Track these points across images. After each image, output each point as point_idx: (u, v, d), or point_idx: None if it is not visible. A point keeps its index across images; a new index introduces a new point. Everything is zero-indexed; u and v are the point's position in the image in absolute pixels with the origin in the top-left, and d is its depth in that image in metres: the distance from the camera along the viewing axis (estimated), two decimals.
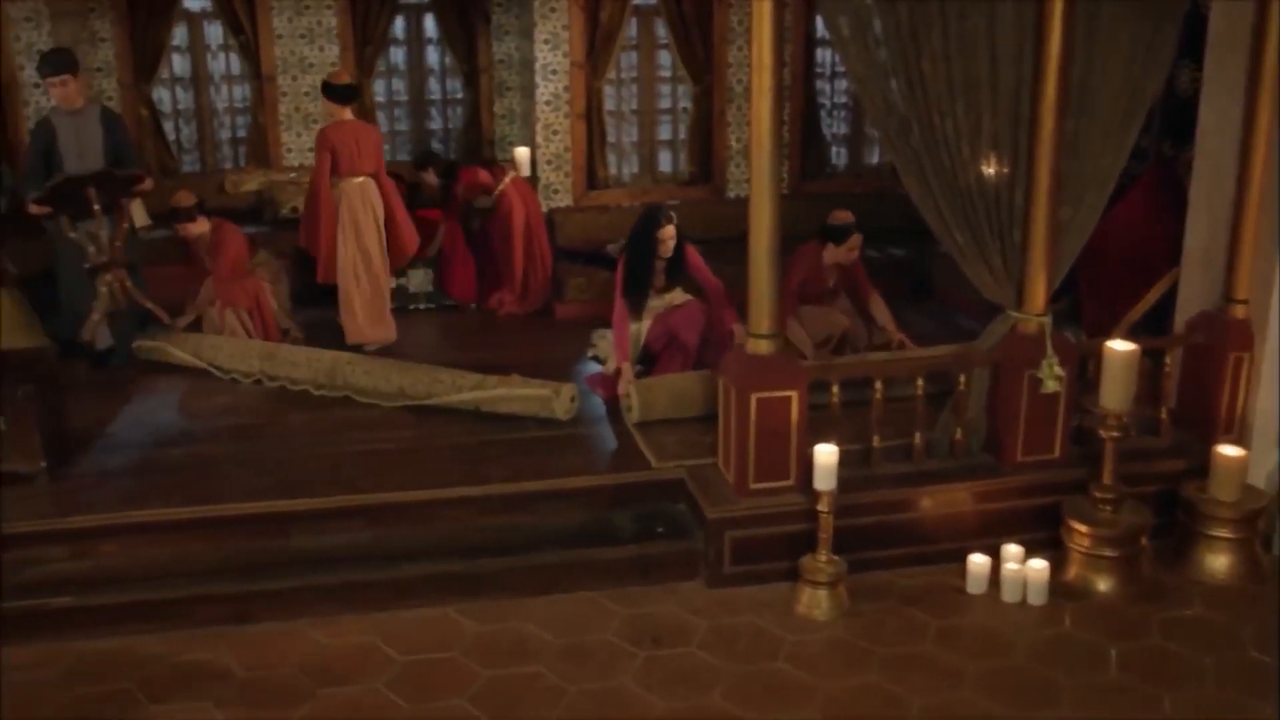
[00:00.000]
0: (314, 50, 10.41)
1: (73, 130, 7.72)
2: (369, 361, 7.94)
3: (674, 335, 7.45)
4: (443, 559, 6.14)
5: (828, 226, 7.80)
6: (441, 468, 6.71)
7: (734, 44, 10.40)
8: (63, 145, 7.68)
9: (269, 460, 6.88)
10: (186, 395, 7.95)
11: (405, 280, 9.67)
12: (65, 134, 7.71)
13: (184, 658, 5.64)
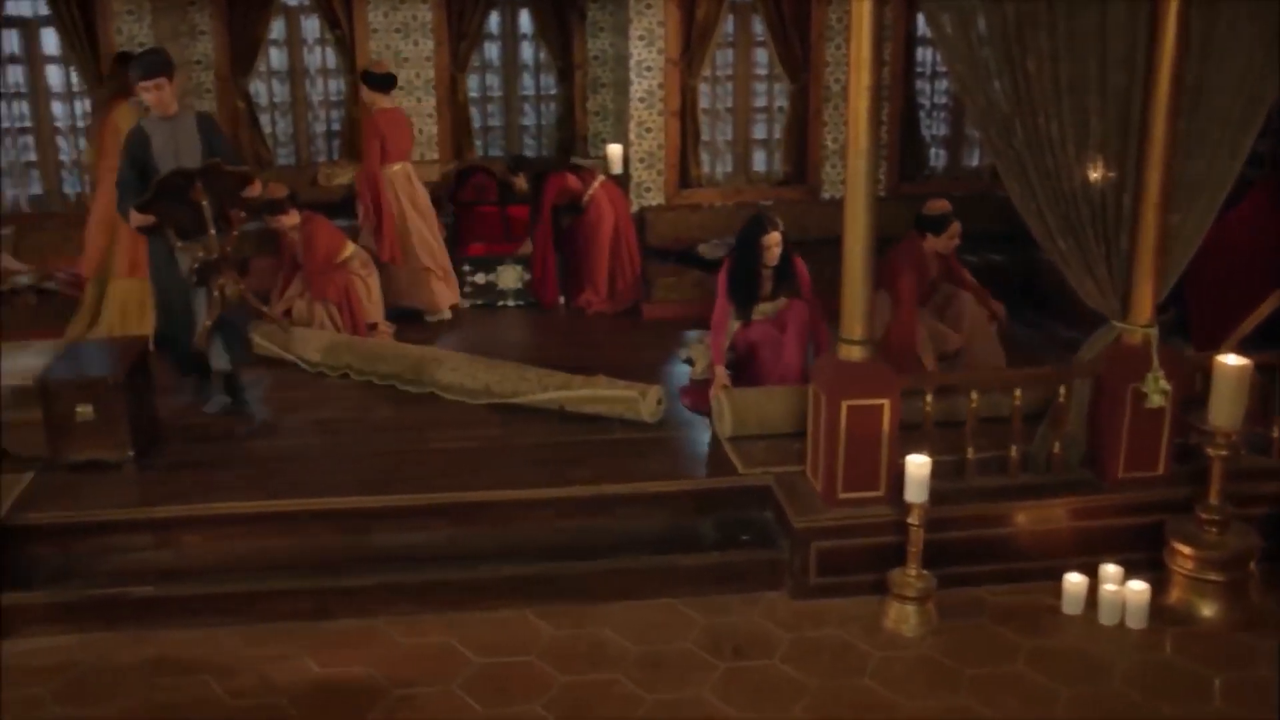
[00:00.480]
0: (409, 44, 10.40)
1: (169, 137, 7.03)
2: (455, 358, 7.88)
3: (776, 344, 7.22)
4: (522, 561, 6.06)
5: (925, 217, 7.52)
6: (524, 468, 6.62)
7: (832, 42, 10.20)
8: (157, 154, 6.99)
9: (352, 455, 6.86)
10: (273, 388, 7.96)
11: (494, 277, 9.62)
12: (160, 141, 7.01)
13: (261, 652, 5.63)
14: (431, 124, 10.63)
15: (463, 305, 9.64)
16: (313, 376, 8.15)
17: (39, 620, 5.81)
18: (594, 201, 9.53)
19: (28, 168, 10.13)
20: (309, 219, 8.63)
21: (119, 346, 7.19)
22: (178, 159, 6.88)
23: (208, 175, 6.79)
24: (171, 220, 6.91)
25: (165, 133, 6.99)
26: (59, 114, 10.04)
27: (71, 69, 9.84)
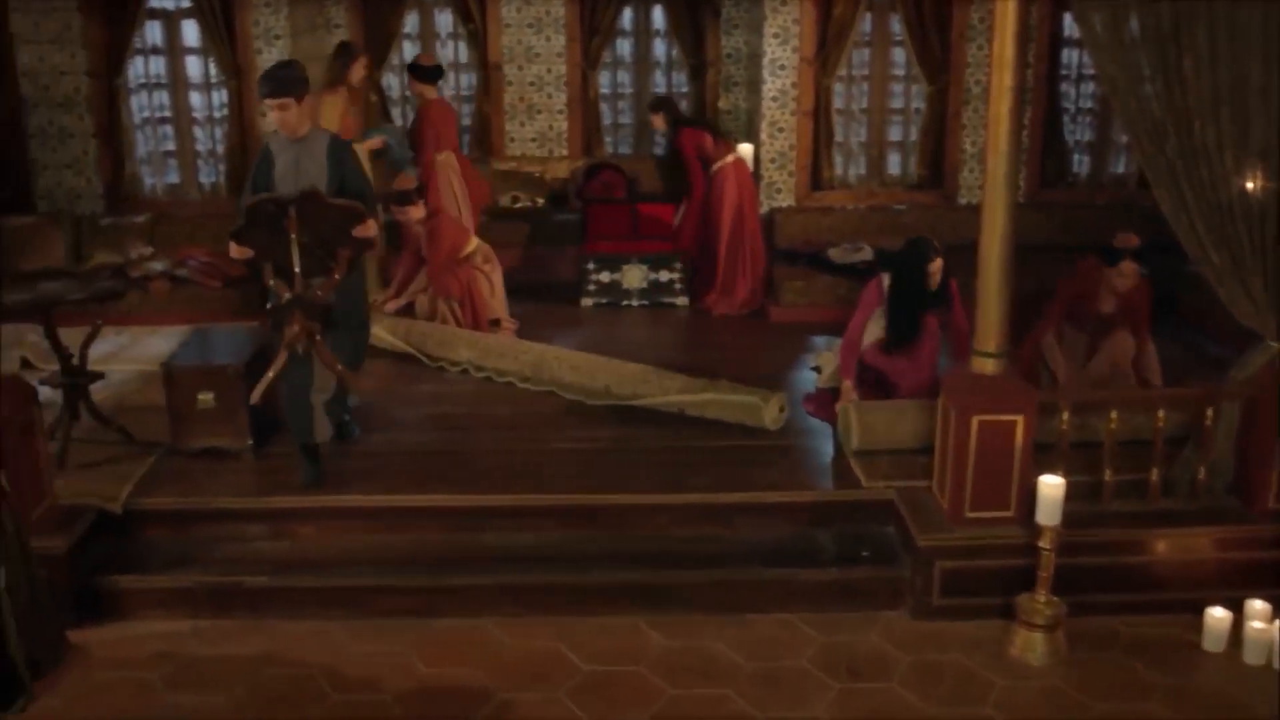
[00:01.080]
0: (541, 40, 10.35)
1: (292, 161, 6.18)
2: (576, 357, 7.77)
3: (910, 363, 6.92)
4: (635, 567, 5.94)
5: (1105, 246, 7.16)
6: (640, 472, 6.48)
7: (974, 42, 9.87)
8: (279, 178, 6.16)
9: (468, 453, 6.79)
10: (393, 381, 7.95)
11: (619, 276, 9.50)
12: (283, 164, 6.19)
13: (368, 648, 5.59)
14: (561, 120, 10.56)
15: (586, 304, 9.54)
16: (433, 371, 8.12)
17: (154, 604, 5.88)
18: (721, 175, 9.34)
19: (166, 157, 10.32)
20: (435, 213, 8.61)
21: (244, 335, 7.23)
22: (298, 185, 6.00)
23: (304, 205, 5.82)
24: (265, 254, 5.97)
25: (290, 155, 6.20)
26: (197, 104, 10.19)
27: (210, 60, 9.98)
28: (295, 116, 6.10)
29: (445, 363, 8.14)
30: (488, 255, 8.77)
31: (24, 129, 9.89)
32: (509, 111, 10.54)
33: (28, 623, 5.29)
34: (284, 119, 6.10)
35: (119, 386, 7.72)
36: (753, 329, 9.14)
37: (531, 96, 10.49)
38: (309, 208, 5.82)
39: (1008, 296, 5.60)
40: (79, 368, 6.75)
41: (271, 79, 6.06)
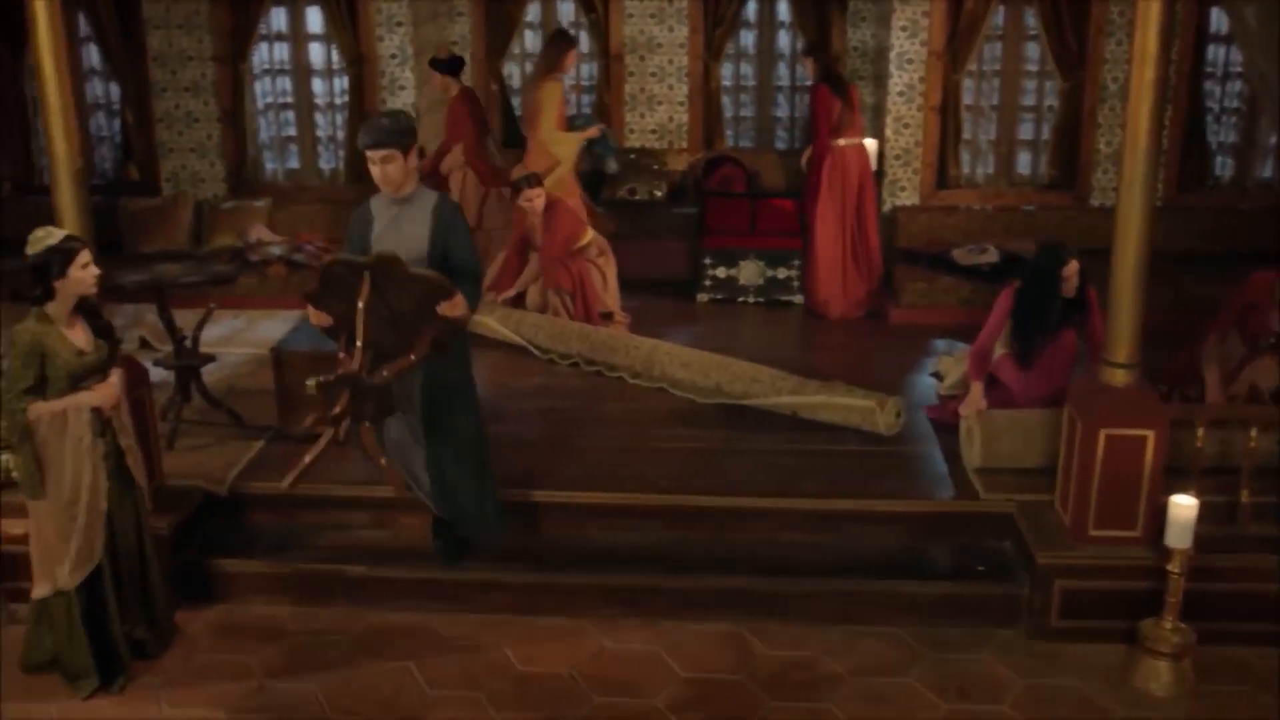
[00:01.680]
0: (663, 30, 10.20)
1: (392, 222, 5.42)
2: (688, 354, 7.62)
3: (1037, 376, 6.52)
4: (740, 573, 5.77)
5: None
6: (750, 475, 6.30)
7: (1113, 37, 9.48)
8: (376, 240, 5.40)
9: (575, 448, 6.69)
10: (502, 373, 7.88)
11: (735, 272, 9.32)
12: (382, 226, 5.43)
13: (466, 643, 5.52)
14: (682, 112, 10.41)
15: (701, 299, 9.38)
16: (543, 364, 8.03)
17: (256, 588, 5.88)
18: (840, 152, 9.04)
19: (287, 142, 10.42)
20: (555, 202, 8.48)
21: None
22: (396, 250, 5.19)
23: (380, 271, 5.01)
24: (341, 324, 5.27)
25: (390, 216, 5.43)
26: (318, 91, 10.28)
27: (333, 46, 10.04)
28: (399, 171, 5.30)
29: (555, 356, 8.05)
30: (602, 248, 8.66)
31: (151, 113, 10.07)
32: (629, 102, 10.42)
33: (135, 604, 5.34)
34: (386, 174, 5.29)
35: (232, 369, 7.79)
36: (871, 330, 8.90)
37: (652, 88, 10.36)
38: (386, 276, 5.01)
39: (1141, 305, 5.30)
40: (192, 349, 6.80)
41: (375, 128, 5.27)
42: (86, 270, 4.89)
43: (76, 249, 4.86)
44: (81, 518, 4.99)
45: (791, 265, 9.30)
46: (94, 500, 5.02)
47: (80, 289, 4.89)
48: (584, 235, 8.57)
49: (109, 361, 5.07)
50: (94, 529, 5.04)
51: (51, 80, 5.36)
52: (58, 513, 4.98)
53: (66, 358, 4.88)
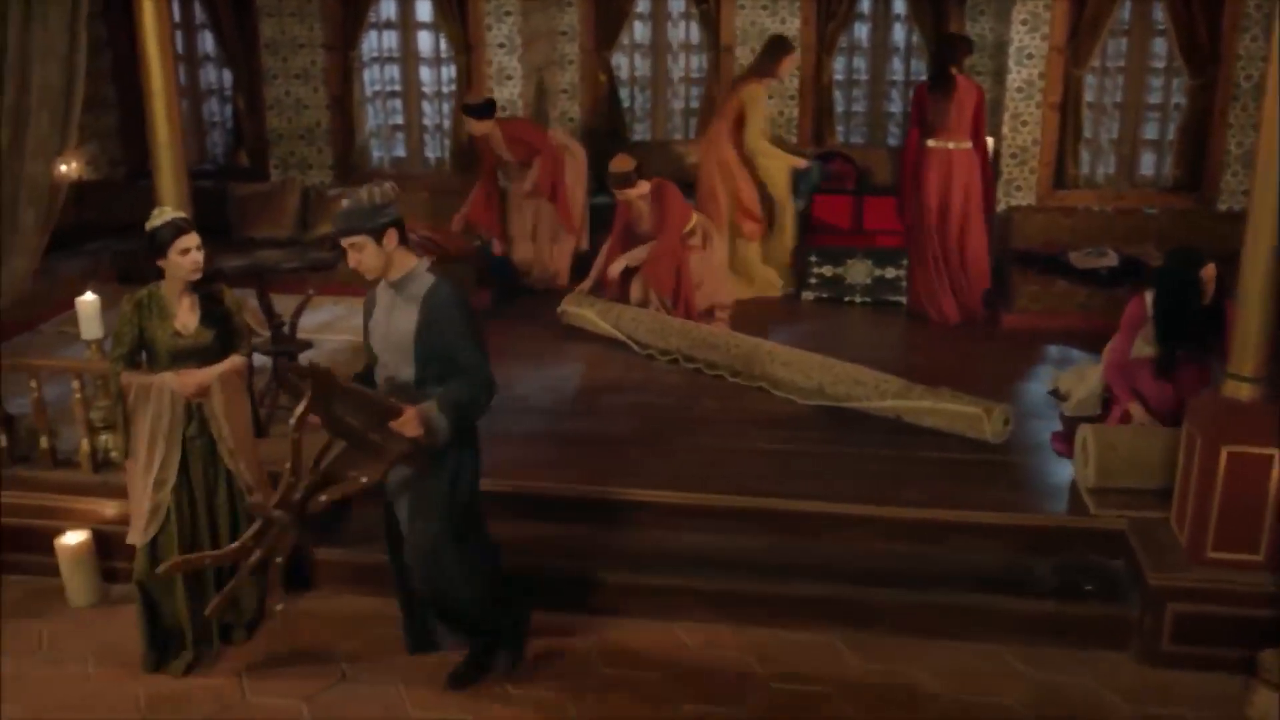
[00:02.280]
0: (775, 22, 10.00)
1: (386, 310, 4.76)
2: (789, 353, 7.43)
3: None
4: (835, 581, 5.58)
5: None
6: (848, 480, 6.11)
7: (1248, 32, 9.05)
8: (370, 331, 4.87)
9: (670, 446, 6.55)
10: (600, 367, 7.79)
11: (842, 270, 9.11)
12: (379, 315, 4.81)
13: (553, 642, 5.42)
14: (792, 106, 10.21)
15: (806, 298, 9.18)
16: (642, 359, 7.91)
17: (344, 579, 5.86)
18: (928, 154, 8.63)
19: (394, 130, 10.44)
20: (660, 184, 8.20)
21: None
22: (386, 343, 4.75)
23: (318, 385, 4.48)
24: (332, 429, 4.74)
25: (386, 303, 4.77)
26: (426, 79, 10.28)
27: (441, 35, 10.03)
28: (374, 258, 4.58)
29: (655, 351, 7.92)
30: (707, 234, 8.45)
31: (262, 99, 10.16)
32: None
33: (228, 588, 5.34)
34: (359, 262, 4.60)
35: (330, 356, 7.77)
36: (982, 334, 8.60)
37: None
38: (325, 390, 4.49)
39: (1271, 316, 5.00)
40: (289, 336, 6.80)
41: (339, 215, 4.59)
42: (186, 256, 4.91)
43: (175, 233, 4.89)
44: (150, 488, 5.09)
45: (900, 265, 9.06)
46: (164, 476, 5.10)
47: (178, 272, 4.92)
48: (690, 219, 8.37)
49: (214, 350, 5.05)
50: (163, 502, 5.11)
51: (155, 63, 5.38)
52: (137, 475, 5.14)
53: (163, 336, 4.97)
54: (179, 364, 5.03)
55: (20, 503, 6.03)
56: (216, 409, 5.11)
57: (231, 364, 5.13)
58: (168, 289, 5.01)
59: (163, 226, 4.91)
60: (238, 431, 5.19)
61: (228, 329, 5.11)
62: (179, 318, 4.99)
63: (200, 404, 5.08)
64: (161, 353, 5.01)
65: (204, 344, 5.03)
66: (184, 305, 5.00)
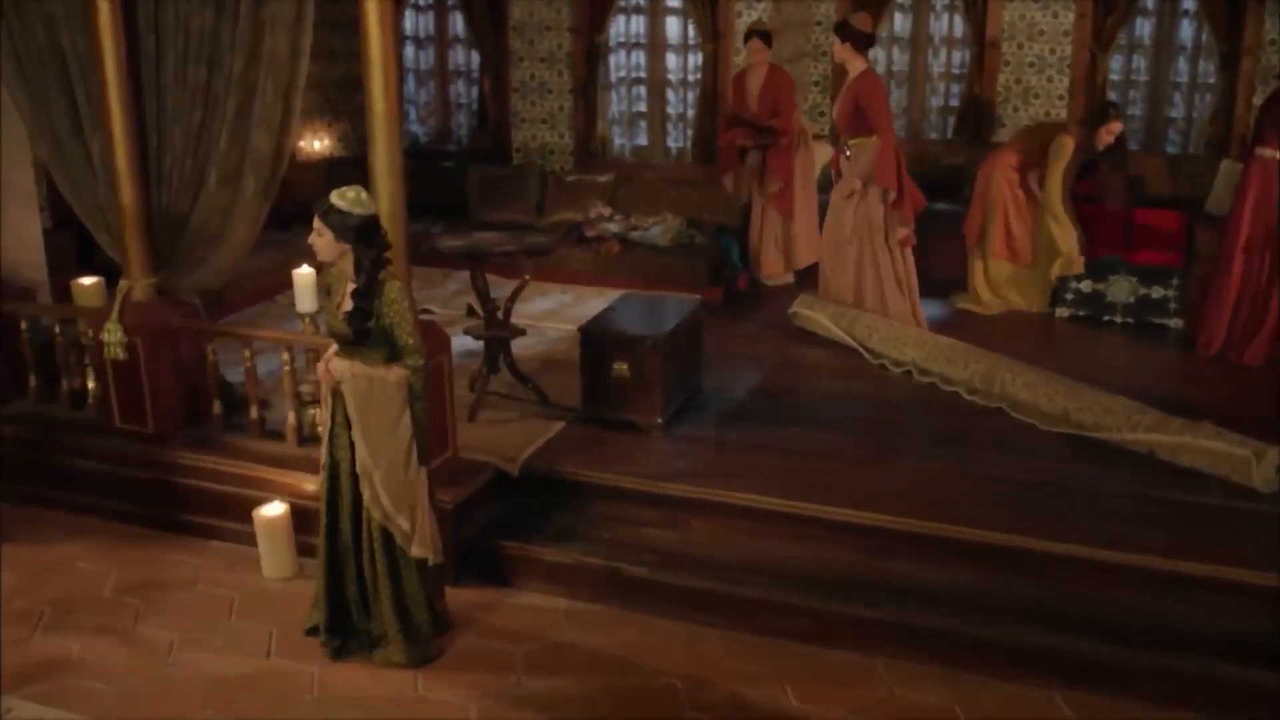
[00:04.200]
0: (1046, 16, 9.28)
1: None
2: (1034, 373, 6.81)
3: None
4: (1059, 630, 4.99)
5: None
6: (1087, 519, 5.49)
7: None
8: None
9: (892, 466, 6.06)
10: (826, 374, 7.35)
11: (1104, 287, 8.35)
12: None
13: (741, 666, 5.07)
14: (1061, 107, 9.47)
15: (1060, 314, 8.46)
16: (874, 369, 7.41)
17: (532, 576, 5.66)
18: (1261, 165, 7.51)
19: (636, 118, 10.22)
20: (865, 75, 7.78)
21: (675, 306, 6.86)
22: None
23: None
24: None
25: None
26: (672, 66, 10.00)
27: (690, 22, 9.74)
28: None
29: (888, 361, 7.42)
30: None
31: (508, 82, 10.11)
32: (1001, 94, 9.59)
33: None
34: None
35: (549, 345, 7.63)
36: (1266, 367, 7.54)
37: (1029, 79, 9.47)
38: None
39: None
40: (503, 321, 6.63)
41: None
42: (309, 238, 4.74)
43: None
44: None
45: (1169, 285, 8.23)
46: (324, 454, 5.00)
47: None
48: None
49: (355, 345, 4.76)
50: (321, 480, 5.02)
51: (374, 34, 5.24)
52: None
53: (329, 314, 4.83)
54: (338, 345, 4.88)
55: (228, 469, 6.09)
56: (351, 413, 4.82)
57: (354, 368, 4.76)
58: (341, 268, 4.79)
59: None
60: (374, 448, 4.80)
61: (369, 329, 4.71)
62: (344, 300, 4.79)
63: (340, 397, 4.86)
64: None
65: (345, 334, 4.76)
66: (347, 290, 4.79)
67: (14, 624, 5.43)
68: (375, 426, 4.79)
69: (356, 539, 5.00)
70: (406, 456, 4.84)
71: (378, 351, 4.75)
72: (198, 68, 5.75)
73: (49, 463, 6.48)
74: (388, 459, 4.81)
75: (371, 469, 4.81)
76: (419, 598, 5.05)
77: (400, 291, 4.74)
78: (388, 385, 4.76)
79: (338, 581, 5.09)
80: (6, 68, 6.13)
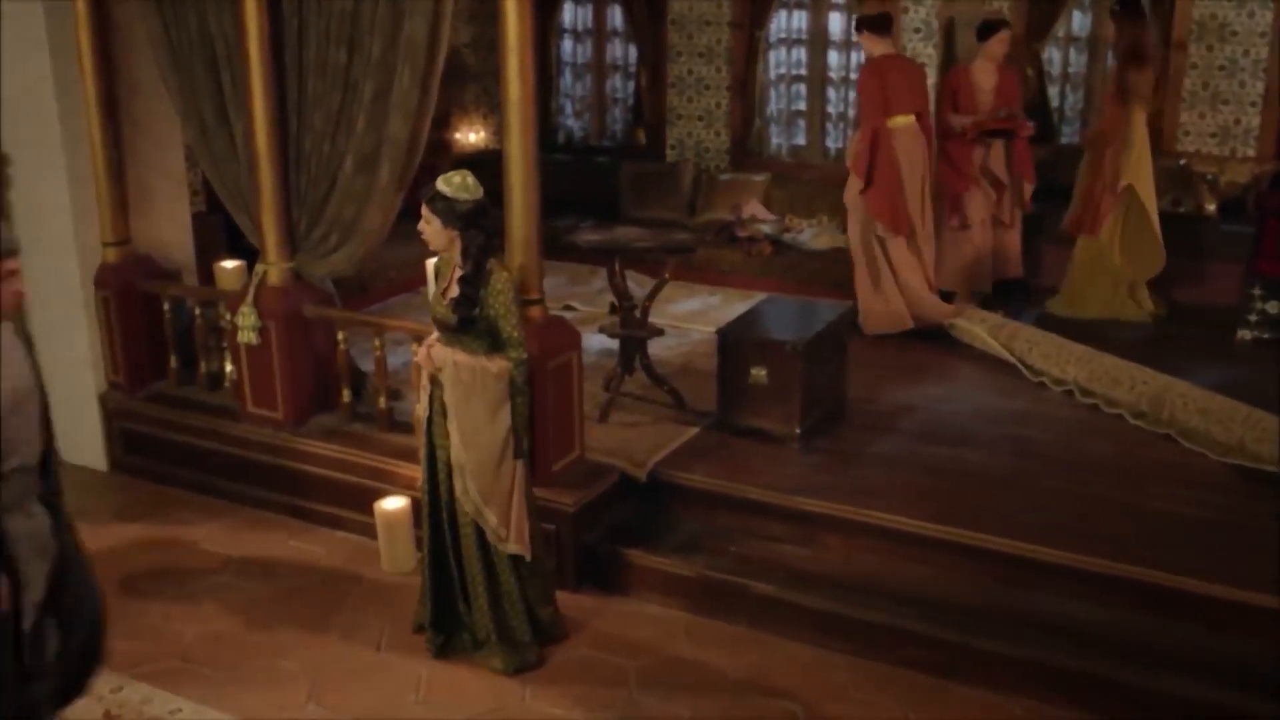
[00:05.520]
0: (1241, 15, 8.59)
1: None
2: (1210, 399, 6.29)
3: None
4: (1220, 683, 4.52)
5: None
6: (1261, 560, 4.96)
7: None
8: None
9: (1044, 492, 5.63)
10: (980, 390, 6.91)
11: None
12: None
13: (868, 696, 4.76)
14: (1253, 115, 8.81)
15: (1243, 336, 7.84)
16: (1032, 387, 6.95)
17: (654, 586, 5.45)
18: None
19: (795, 116, 9.89)
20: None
21: (820, 311, 6.54)
22: None
23: None
24: None
25: None
26: (833, 64, 9.63)
27: (853, 18, 9.35)
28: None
29: (1048, 379, 6.95)
30: None
31: (665, 77, 9.90)
32: (1187, 100, 8.94)
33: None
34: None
35: (691, 347, 7.40)
36: None
37: (1218, 83, 8.83)
38: None
39: None
40: (640, 320, 6.41)
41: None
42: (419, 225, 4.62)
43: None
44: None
45: None
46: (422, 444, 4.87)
47: None
48: None
49: (458, 333, 4.61)
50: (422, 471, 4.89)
51: (512, 16, 5.08)
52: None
53: (433, 300, 4.72)
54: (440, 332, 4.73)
55: (353, 460, 6.00)
56: (449, 402, 4.66)
57: (455, 356, 4.61)
58: (453, 254, 4.64)
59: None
60: (467, 440, 4.65)
61: (474, 316, 4.56)
62: (449, 287, 4.64)
63: (437, 383, 4.71)
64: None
65: (448, 321, 4.62)
66: (454, 275, 4.63)
67: (135, 601, 5.46)
68: (472, 417, 4.63)
69: (455, 532, 4.83)
70: (501, 450, 4.68)
71: (480, 341, 4.60)
72: (338, 50, 5.66)
73: (184, 443, 6.51)
74: (481, 451, 4.65)
75: (464, 461, 4.66)
76: (515, 599, 4.87)
77: (507, 282, 4.58)
78: (488, 376, 4.60)
79: (441, 576, 4.94)
80: (161, 53, 6.17)
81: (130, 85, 6.53)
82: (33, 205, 6.59)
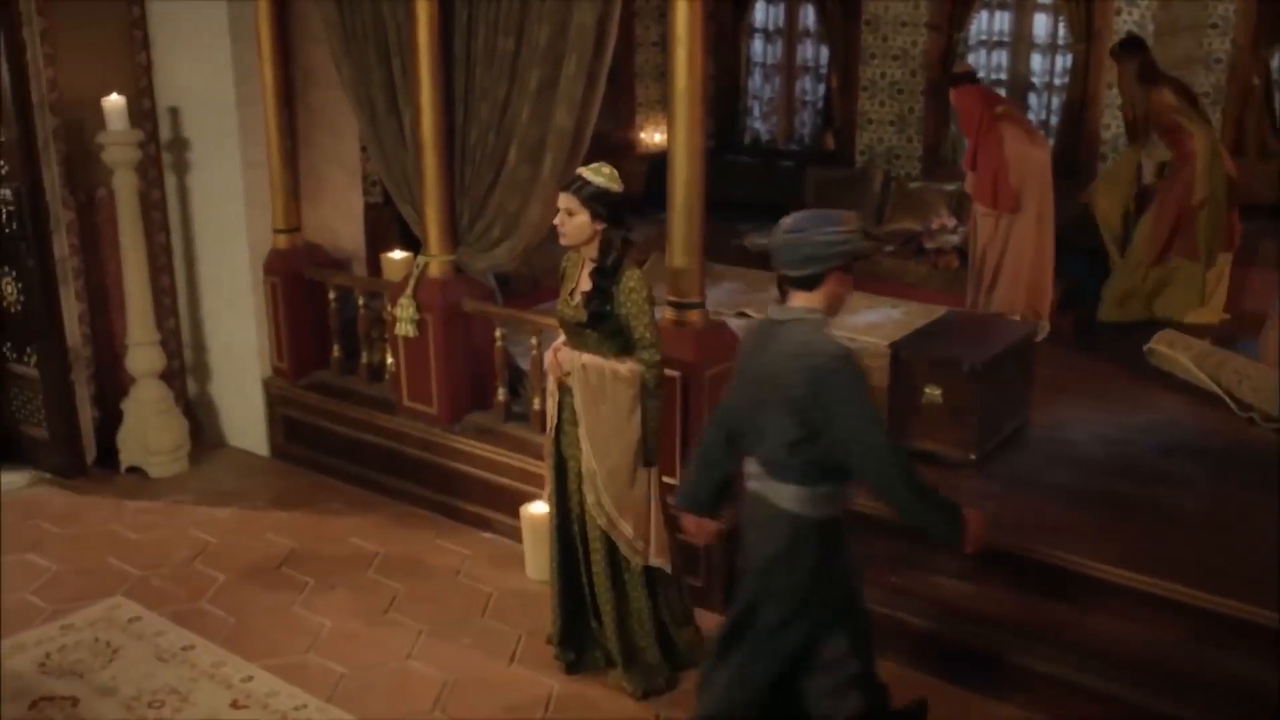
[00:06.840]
0: None
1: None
2: None
3: None
4: None
5: None
6: None
7: None
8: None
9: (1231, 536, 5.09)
10: (1179, 423, 6.35)
11: None
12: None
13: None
14: None
15: None
16: (1240, 421, 6.34)
17: None
18: None
19: None
20: None
21: (1003, 328, 6.11)
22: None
23: None
24: None
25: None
26: (1036, 68, 9.14)
27: (1060, 19, 8.84)
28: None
29: (1258, 415, 6.34)
30: None
31: (856, 80, 9.54)
32: None
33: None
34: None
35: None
36: None
37: None
38: None
39: None
40: None
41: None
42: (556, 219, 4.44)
43: None
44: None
45: None
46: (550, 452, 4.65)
47: None
48: None
49: (588, 334, 4.39)
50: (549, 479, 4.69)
51: (682, 5, 4.83)
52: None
53: (560, 300, 4.49)
54: (566, 335, 4.51)
55: (504, 460, 5.85)
56: (578, 408, 4.42)
57: (584, 358, 4.38)
58: (585, 251, 4.41)
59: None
60: (598, 446, 4.40)
61: (605, 313, 4.31)
62: (578, 284, 4.41)
63: (567, 390, 4.48)
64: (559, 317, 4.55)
65: (577, 321, 4.39)
66: (584, 273, 4.39)
67: (278, 590, 5.44)
68: (602, 423, 4.39)
69: (585, 546, 4.60)
70: (634, 458, 4.41)
71: (610, 343, 4.36)
72: (506, 39, 5.51)
73: (342, 434, 6.48)
74: (613, 459, 4.40)
75: (595, 469, 4.42)
76: (644, 619, 4.61)
77: (640, 280, 4.32)
78: (619, 379, 4.34)
79: (571, 591, 4.72)
80: (335, 39, 6.14)
81: (306, 74, 6.56)
82: (208, 191, 6.67)
